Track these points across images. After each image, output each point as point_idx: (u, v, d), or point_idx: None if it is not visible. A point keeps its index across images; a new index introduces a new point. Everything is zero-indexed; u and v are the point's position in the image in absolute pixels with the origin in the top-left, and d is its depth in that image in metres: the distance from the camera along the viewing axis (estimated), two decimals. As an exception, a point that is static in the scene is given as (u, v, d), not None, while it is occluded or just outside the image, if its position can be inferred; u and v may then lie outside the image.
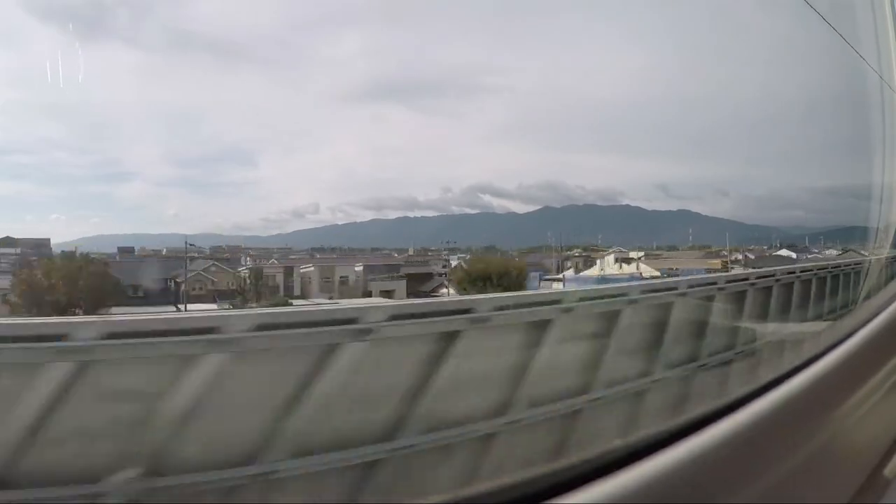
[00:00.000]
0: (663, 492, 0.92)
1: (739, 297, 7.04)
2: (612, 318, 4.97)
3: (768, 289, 7.68)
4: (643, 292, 5.67)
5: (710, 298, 6.52)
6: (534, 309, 4.60)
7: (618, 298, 5.22)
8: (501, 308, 4.49)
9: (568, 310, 4.74)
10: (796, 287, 8.43)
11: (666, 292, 5.91)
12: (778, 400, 1.24)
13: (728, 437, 1.08)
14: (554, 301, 4.90)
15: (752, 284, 7.41)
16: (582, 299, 5.19)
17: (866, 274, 6.87)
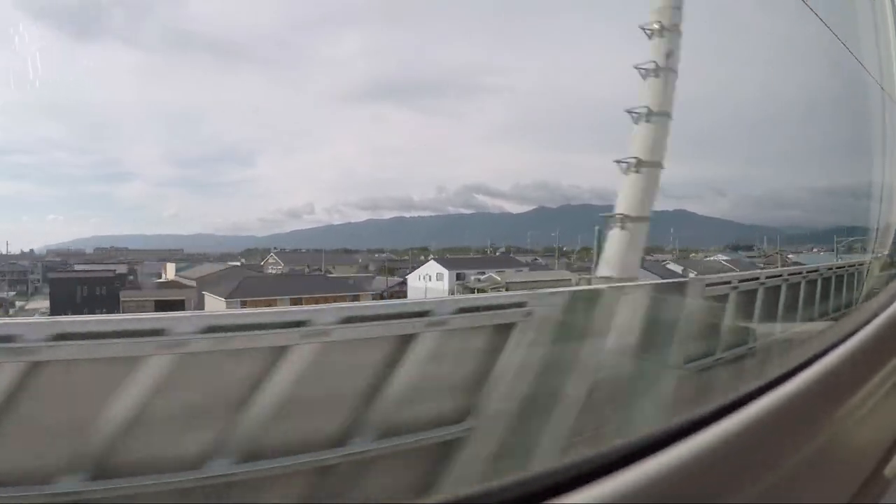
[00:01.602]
0: (663, 492, 0.92)
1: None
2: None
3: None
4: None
5: None
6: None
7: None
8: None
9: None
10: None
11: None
12: (778, 400, 1.24)
13: (728, 437, 1.08)
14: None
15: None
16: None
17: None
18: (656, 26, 9.21)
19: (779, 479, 1.08)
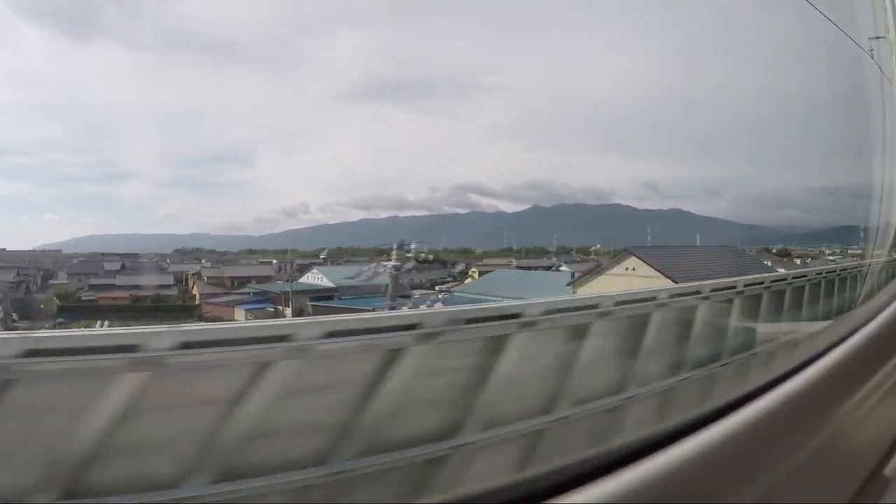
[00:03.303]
0: (663, 492, 0.92)
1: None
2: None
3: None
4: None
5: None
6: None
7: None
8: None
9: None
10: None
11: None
12: (778, 400, 1.24)
13: (728, 437, 1.08)
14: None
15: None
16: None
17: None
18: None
19: (779, 479, 1.08)
